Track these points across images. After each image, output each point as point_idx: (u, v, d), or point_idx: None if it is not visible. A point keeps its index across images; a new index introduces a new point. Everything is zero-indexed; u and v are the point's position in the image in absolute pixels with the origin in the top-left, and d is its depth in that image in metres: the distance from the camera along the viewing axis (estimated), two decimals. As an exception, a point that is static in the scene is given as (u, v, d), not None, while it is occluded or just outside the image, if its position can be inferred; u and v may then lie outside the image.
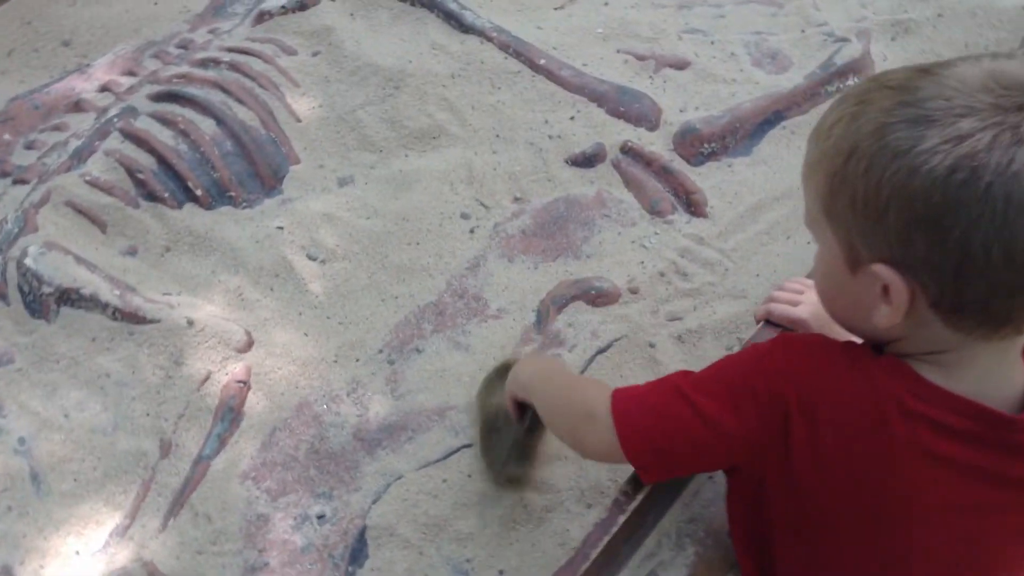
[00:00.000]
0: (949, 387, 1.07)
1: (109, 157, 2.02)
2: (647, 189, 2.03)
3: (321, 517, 1.60)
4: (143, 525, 1.61)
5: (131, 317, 1.81)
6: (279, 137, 2.11)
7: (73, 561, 1.58)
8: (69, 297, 1.83)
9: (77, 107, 2.22)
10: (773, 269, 1.90)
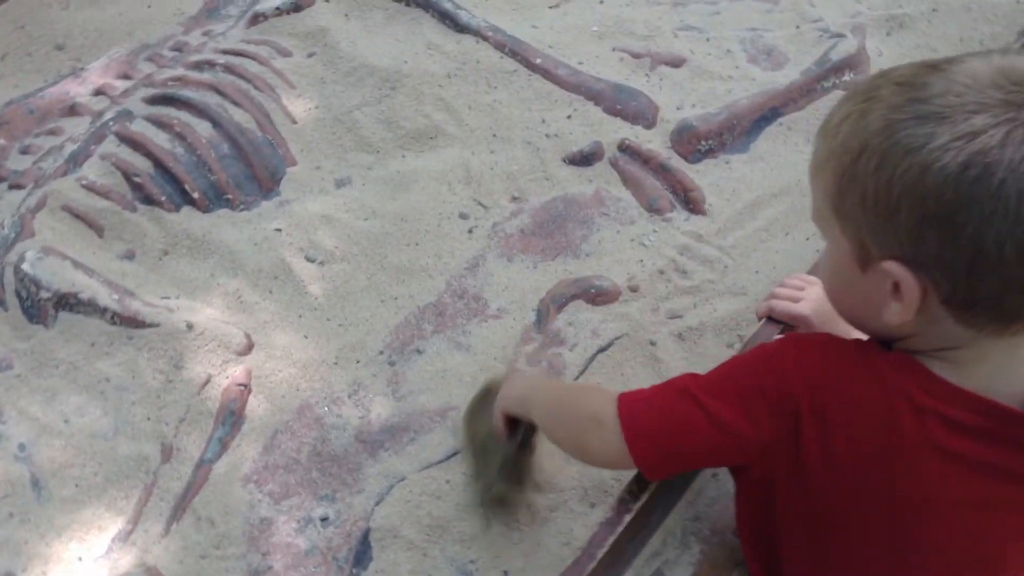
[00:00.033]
0: (959, 383, 1.07)
1: (105, 161, 2.01)
2: (645, 187, 2.02)
3: (324, 520, 1.60)
4: (146, 530, 1.61)
5: (130, 321, 1.80)
6: (275, 139, 2.10)
7: (76, 567, 1.58)
8: (67, 302, 1.82)
9: (72, 111, 2.22)
10: (772, 265, 1.90)
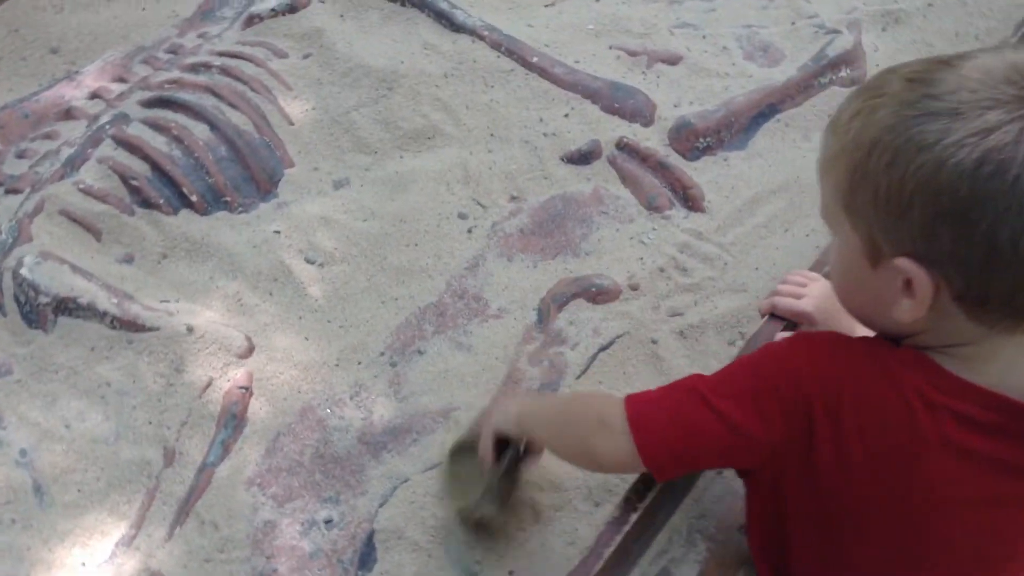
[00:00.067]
0: (970, 379, 1.07)
1: (102, 164, 2.00)
2: (644, 185, 2.02)
3: (328, 522, 1.60)
4: (149, 534, 1.60)
5: (130, 325, 1.79)
6: (273, 141, 2.10)
7: (79, 573, 1.57)
8: (66, 306, 1.81)
9: (68, 115, 2.20)
10: (772, 262, 1.91)
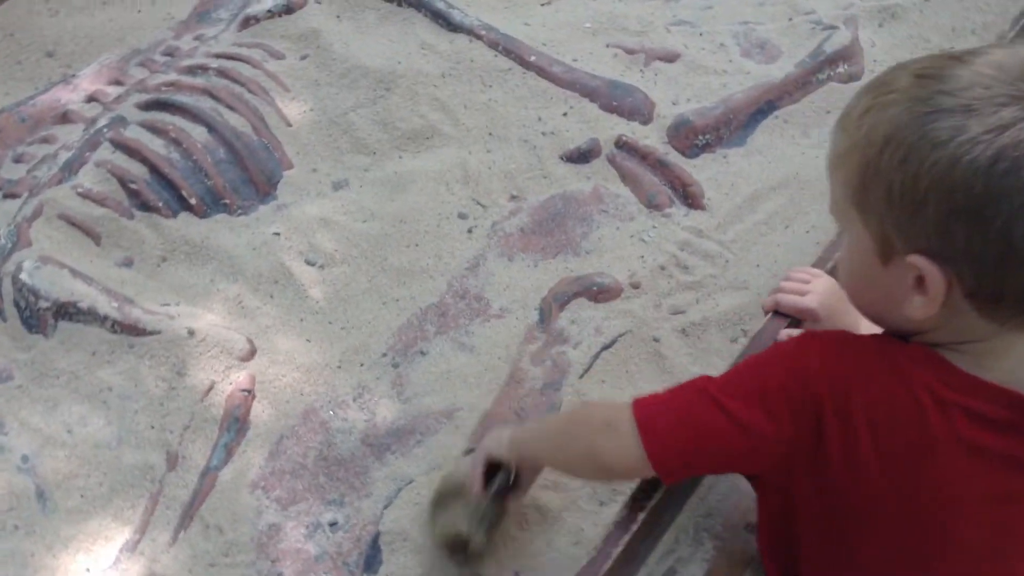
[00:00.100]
0: (981, 376, 1.06)
1: (101, 168, 1.99)
2: (643, 183, 2.02)
3: (333, 524, 1.59)
4: (153, 539, 1.59)
5: (131, 329, 1.79)
6: (271, 142, 2.09)
7: (84, 578, 1.57)
8: (67, 311, 1.80)
9: (64, 118, 2.19)
10: (773, 259, 1.91)
